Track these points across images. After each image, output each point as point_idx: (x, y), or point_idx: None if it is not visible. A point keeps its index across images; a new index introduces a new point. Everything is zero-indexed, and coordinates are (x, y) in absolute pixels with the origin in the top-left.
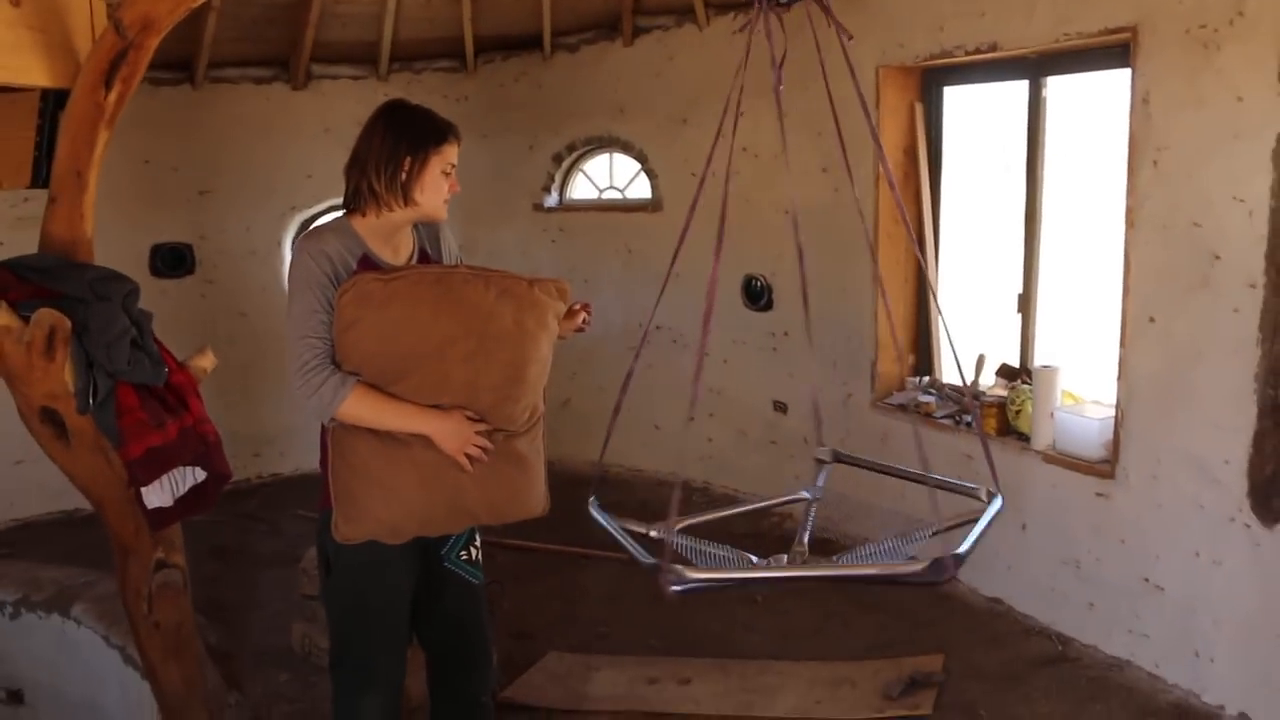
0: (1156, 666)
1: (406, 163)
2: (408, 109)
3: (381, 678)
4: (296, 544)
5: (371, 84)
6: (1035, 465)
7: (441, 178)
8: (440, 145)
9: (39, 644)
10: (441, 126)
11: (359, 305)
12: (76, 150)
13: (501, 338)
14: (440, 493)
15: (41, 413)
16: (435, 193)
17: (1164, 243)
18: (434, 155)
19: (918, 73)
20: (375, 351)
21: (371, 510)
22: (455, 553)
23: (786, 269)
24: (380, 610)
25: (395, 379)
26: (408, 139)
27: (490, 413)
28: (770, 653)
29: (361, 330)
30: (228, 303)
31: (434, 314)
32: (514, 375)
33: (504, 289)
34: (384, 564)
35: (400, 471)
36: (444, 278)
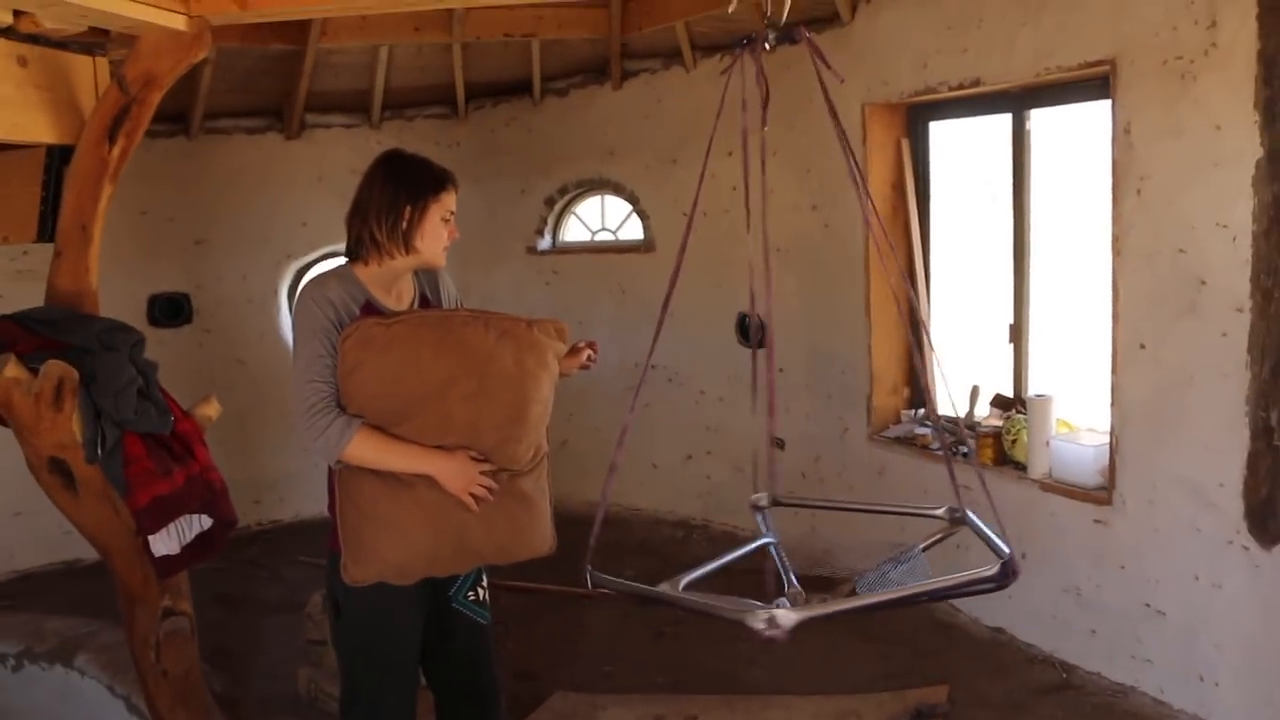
0: (1161, 692)
1: (406, 211)
2: (405, 158)
3: (397, 711)
4: (299, 590)
5: (364, 132)
6: (1033, 494)
7: (441, 225)
8: (439, 193)
9: (42, 696)
10: (439, 175)
11: (361, 349)
12: (81, 204)
13: (503, 378)
14: (446, 532)
15: (50, 463)
16: (435, 240)
17: (1151, 270)
18: (433, 203)
19: (903, 109)
20: (378, 394)
21: (379, 551)
22: (463, 593)
23: (778, 305)
24: (390, 652)
25: (399, 420)
26: (406, 188)
27: (494, 452)
28: (774, 687)
29: (364, 374)
30: (225, 351)
31: (435, 355)
32: (516, 415)
33: (504, 330)
34: (392, 607)
35: (406, 512)
36: (444, 320)
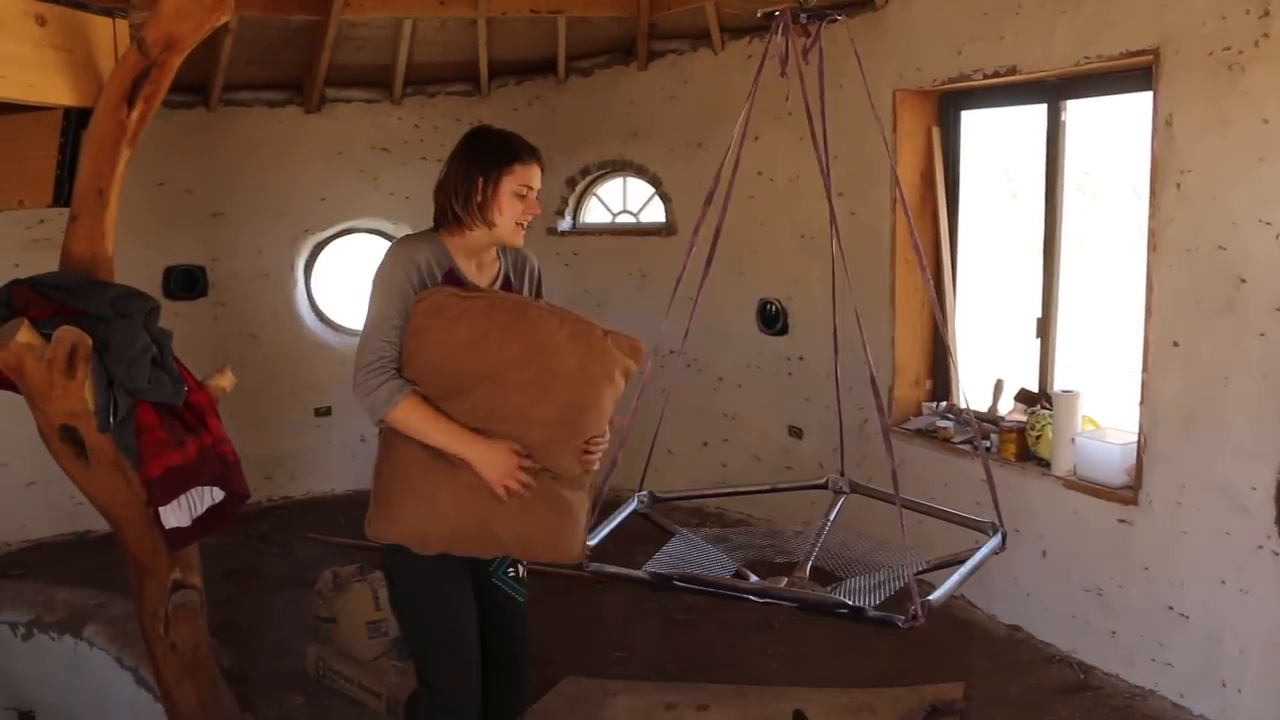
0: (1181, 696)
1: (479, 184)
2: (488, 132)
3: (462, 692)
4: (309, 566)
5: (385, 107)
6: (1056, 491)
7: (514, 199)
8: (511, 165)
9: (51, 665)
10: (515, 148)
11: (430, 315)
12: (99, 168)
13: (563, 376)
14: (471, 513)
15: (62, 431)
16: (509, 214)
17: (1187, 266)
18: (505, 176)
19: (935, 96)
20: (437, 363)
21: (403, 514)
22: (503, 569)
23: (802, 293)
24: (445, 619)
25: (451, 395)
26: (480, 161)
27: (539, 450)
28: (788, 679)
29: (428, 339)
30: (240, 325)
31: (502, 338)
32: (569, 417)
33: (577, 331)
34: (436, 576)
35: (437, 485)
36: (520, 306)
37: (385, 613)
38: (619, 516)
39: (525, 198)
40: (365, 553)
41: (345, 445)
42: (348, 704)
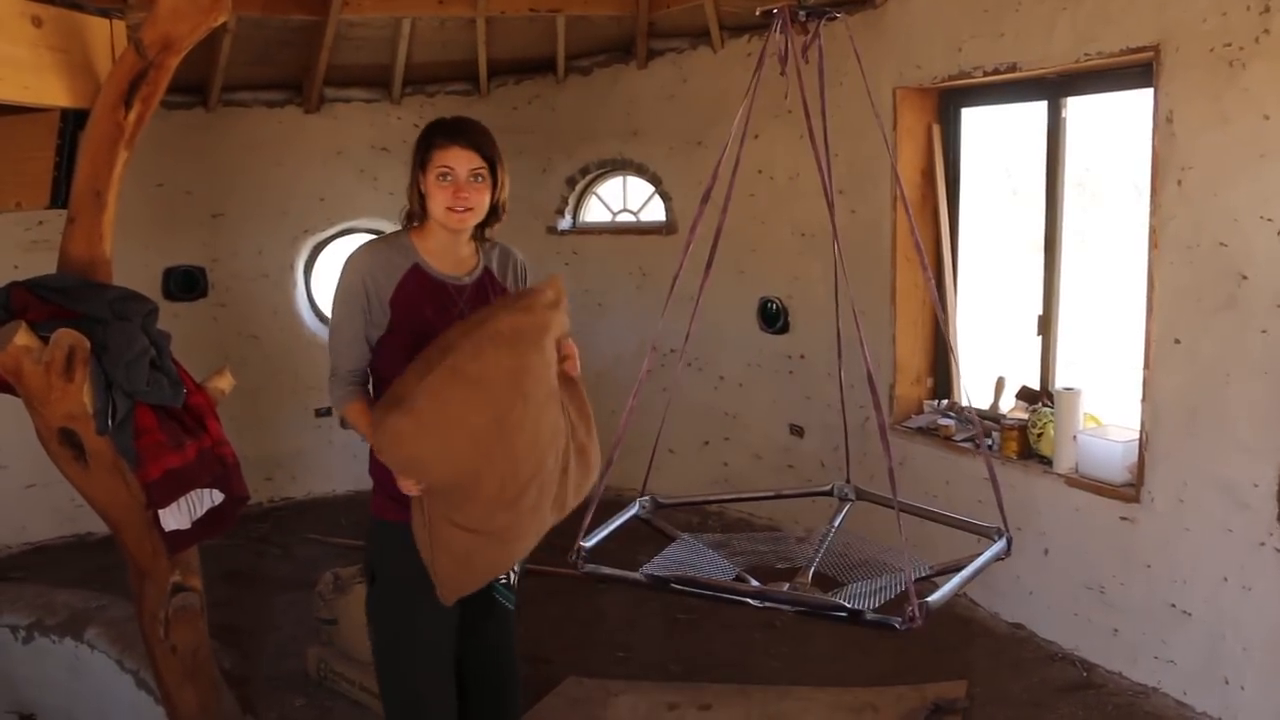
0: (1184, 694)
1: (415, 174)
2: (435, 120)
3: (434, 700)
4: (310, 568)
5: (384, 107)
6: (1057, 489)
7: (439, 184)
8: (430, 151)
9: (52, 668)
10: (433, 131)
11: (396, 446)
12: (96, 170)
13: (536, 379)
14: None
15: (60, 434)
16: (436, 201)
17: (1189, 263)
18: (428, 162)
19: (935, 94)
20: (446, 472)
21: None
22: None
23: (803, 291)
24: (420, 626)
25: (475, 485)
26: (415, 151)
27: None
28: (790, 678)
29: (422, 466)
30: (240, 326)
31: (470, 409)
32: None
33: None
34: (425, 580)
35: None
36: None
37: None
38: (619, 520)
39: (449, 181)
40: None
41: (346, 446)
42: (349, 706)
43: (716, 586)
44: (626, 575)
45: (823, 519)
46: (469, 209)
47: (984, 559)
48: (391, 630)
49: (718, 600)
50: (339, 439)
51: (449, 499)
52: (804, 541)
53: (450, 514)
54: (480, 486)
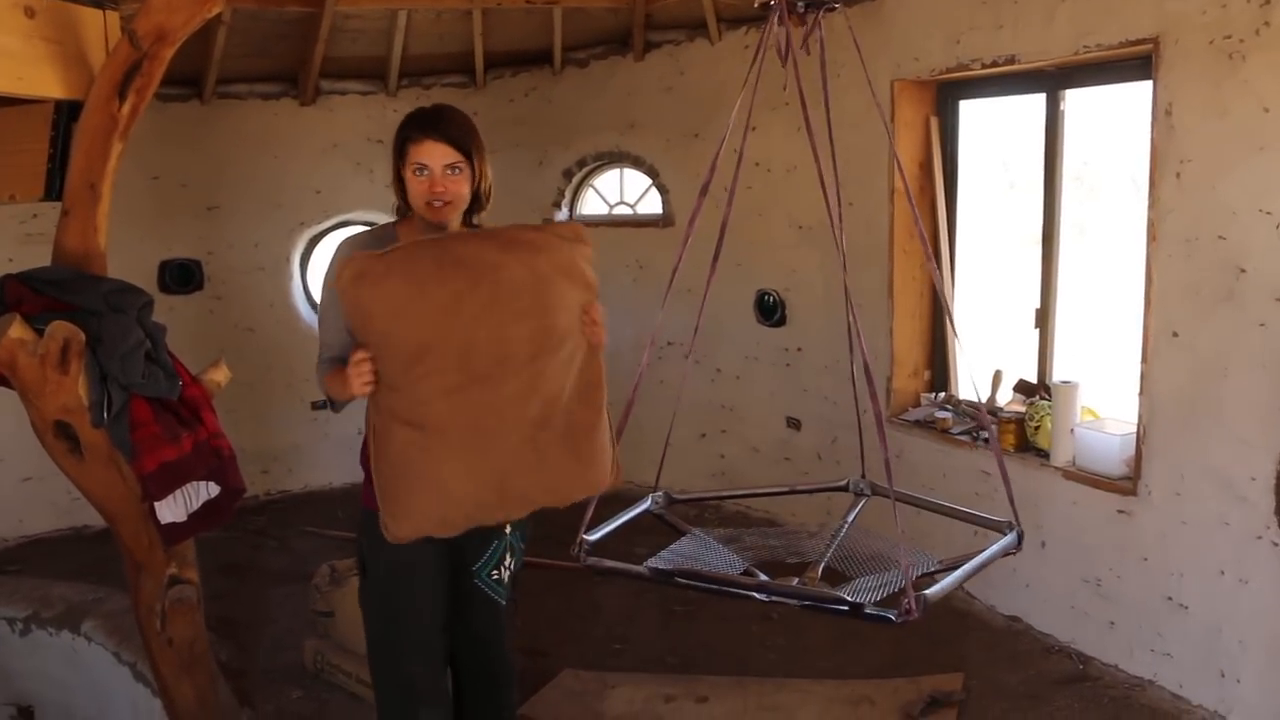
0: (1180, 687)
1: (394, 168)
2: (411, 112)
3: (426, 690)
4: (307, 560)
5: (380, 99)
6: (1055, 482)
7: (415, 178)
8: (405, 145)
9: (49, 661)
10: (407, 125)
11: (355, 285)
12: (90, 162)
13: (515, 286)
14: (487, 480)
15: (55, 427)
16: (414, 194)
17: (1187, 256)
18: (405, 156)
19: (933, 86)
20: (390, 329)
21: (418, 506)
22: (486, 570)
23: (800, 284)
24: (412, 615)
25: (418, 357)
26: (395, 141)
27: (538, 376)
28: (787, 671)
29: (370, 310)
30: (236, 318)
31: (437, 276)
32: (543, 325)
33: (509, 239)
34: (415, 569)
35: (440, 462)
36: (441, 241)
37: None
38: (631, 513)
39: (428, 176)
40: None
41: (342, 439)
42: (346, 698)
43: (721, 580)
44: (630, 569)
45: (821, 514)
46: (447, 202)
47: (991, 552)
48: (382, 621)
49: (722, 594)
50: (335, 432)
51: (389, 381)
52: (815, 536)
53: (388, 401)
54: (422, 361)
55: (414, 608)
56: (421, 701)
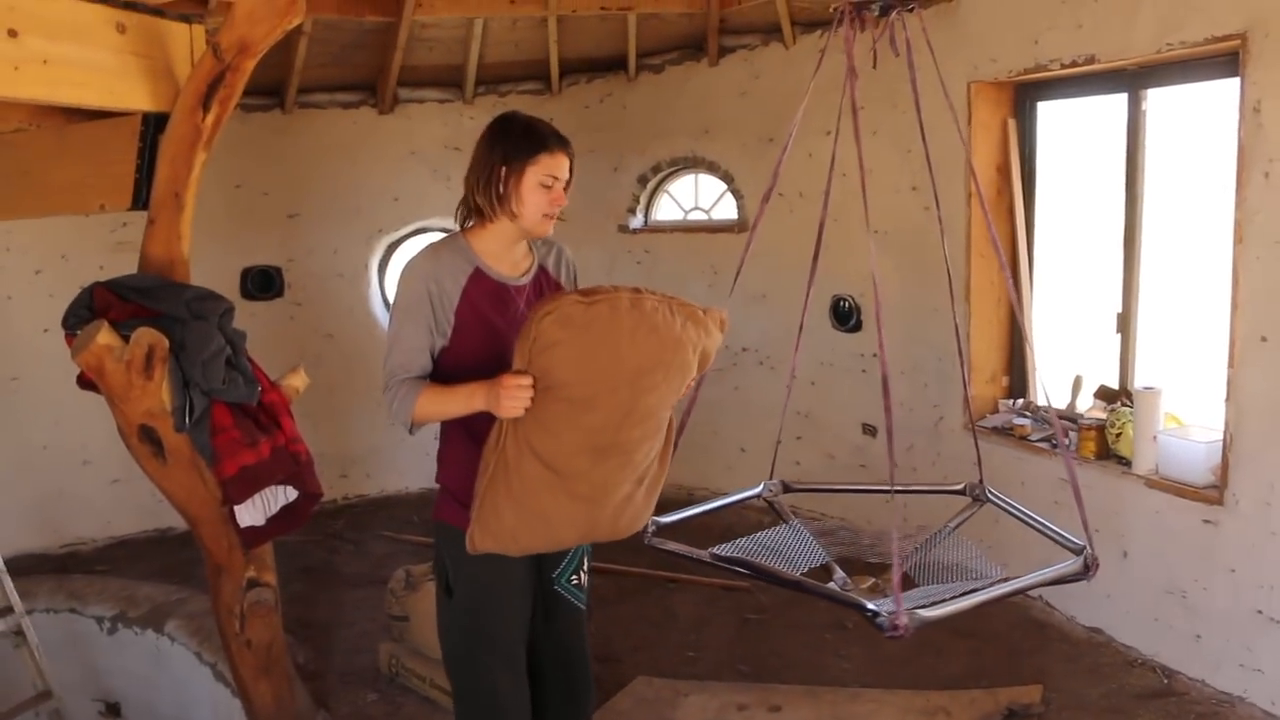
0: (1273, 704)
1: (502, 173)
2: (513, 119)
3: (511, 704)
4: (383, 564)
5: (457, 107)
6: (1137, 490)
7: (539, 190)
8: (536, 155)
9: (134, 659)
10: (542, 135)
11: (561, 327)
12: (175, 172)
13: (683, 366)
14: (588, 522)
15: (140, 431)
16: (532, 205)
17: (1276, 258)
18: (530, 166)
19: (1010, 88)
20: (571, 379)
21: (523, 534)
22: (565, 576)
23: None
24: (500, 633)
25: (584, 410)
26: (503, 148)
27: (654, 442)
28: (861, 680)
29: (560, 353)
30: (315, 324)
31: (632, 342)
32: (673, 399)
33: (689, 315)
34: (504, 586)
35: (560, 507)
36: (638, 303)
37: None
38: (741, 495)
39: (551, 188)
40: None
41: (420, 444)
42: (420, 701)
43: (762, 570)
44: (691, 552)
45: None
46: (559, 217)
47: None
48: (468, 636)
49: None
50: (413, 438)
51: (543, 421)
52: (910, 538)
53: (535, 439)
54: (585, 414)
55: (502, 621)
56: (507, 714)
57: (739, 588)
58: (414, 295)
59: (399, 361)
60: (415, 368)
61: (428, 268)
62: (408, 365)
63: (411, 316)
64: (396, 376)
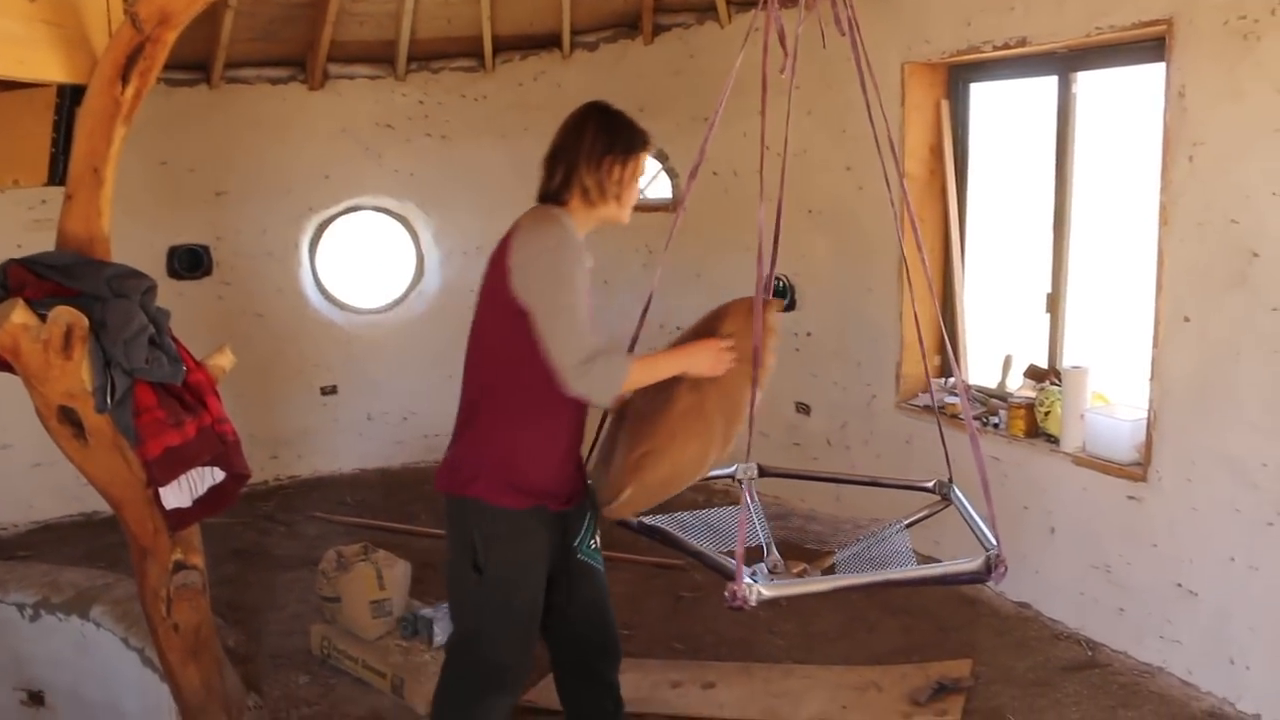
0: (1190, 673)
1: (621, 162)
2: (614, 111)
3: (514, 681)
4: (315, 546)
5: (389, 84)
6: (1064, 468)
7: (636, 183)
8: (644, 152)
9: (59, 646)
10: (643, 131)
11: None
12: (94, 146)
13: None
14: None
15: (60, 412)
16: (630, 196)
17: (1199, 240)
18: (637, 158)
19: (944, 69)
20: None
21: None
22: (585, 543)
23: (809, 269)
24: (524, 610)
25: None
26: (622, 140)
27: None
28: (795, 657)
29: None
30: (245, 304)
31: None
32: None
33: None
34: (534, 564)
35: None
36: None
37: (389, 592)
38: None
39: (636, 181)
40: (371, 532)
41: (351, 424)
42: (352, 683)
43: (669, 538)
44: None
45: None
46: None
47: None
48: (498, 615)
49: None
50: (344, 417)
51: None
52: (860, 529)
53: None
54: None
55: (532, 598)
56: (504, 691)
57: (673, 566)
58: (577, 268)
59: (585, 334)
60: (597, 333)
61: (576, 242)
62: (590, 339)
63: (578, 289)
64: (594, 350)
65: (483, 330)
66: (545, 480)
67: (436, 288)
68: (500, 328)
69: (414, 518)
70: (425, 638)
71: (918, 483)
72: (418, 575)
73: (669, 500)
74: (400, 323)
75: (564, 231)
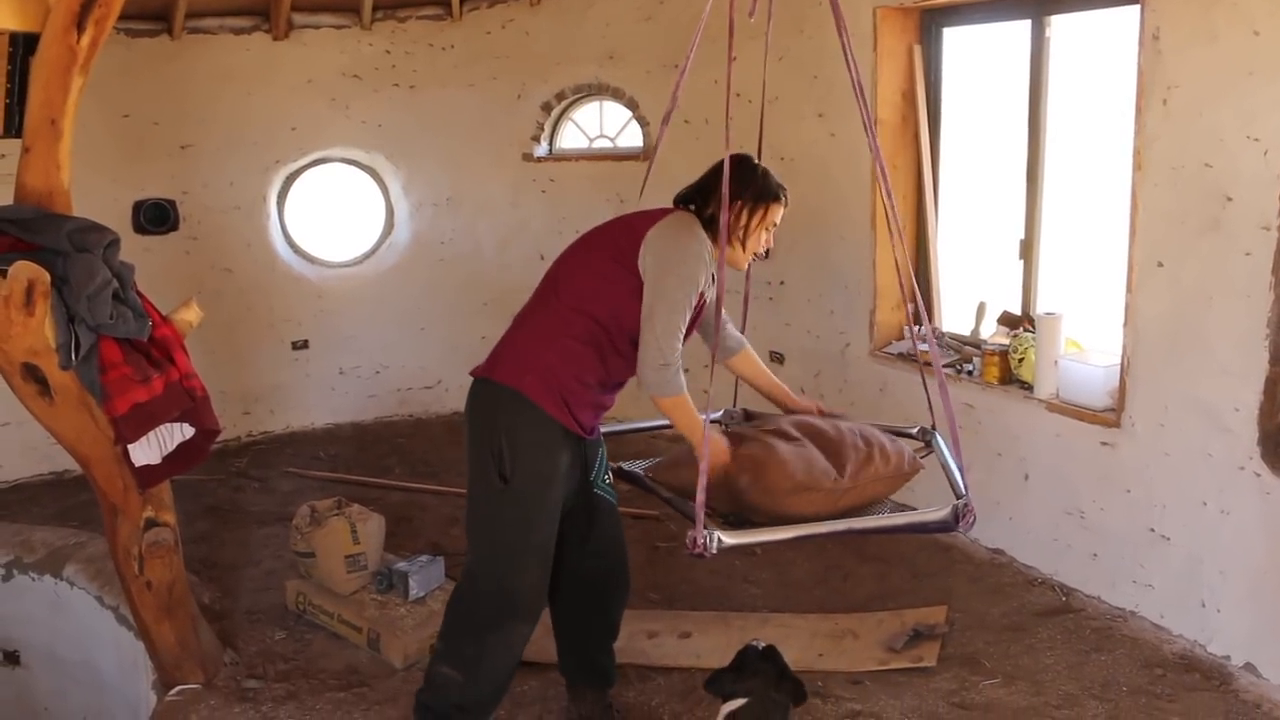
0: (1162, 617)
1: (750, 209)
2: (754, 163)
3: (529, 606)
4: (289, 501)
5: (355, 33)
6: (1038, 414)
7: (764, 231)
8: (776, 202)
9: (33, 605)
10: (778, 185)
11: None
12: (50, 97)
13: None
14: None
15: (23, 369)
16: (754, 242)
17: (1173, 184)
18: (769, 208)
19: (916, 13)
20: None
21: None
22: (601, 476)
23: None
24: (543, 527)
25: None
26: (749, 187)
27: None
28: (771, 605)
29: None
30: (213, 259)
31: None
32: None
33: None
34: (556, 480)
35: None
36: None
37: (363, 546)
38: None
39: (769, 233)
40: (345, 486)
41: (324, 379)
42: (328, 637)
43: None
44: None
45: None
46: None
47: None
48: (513, 527)
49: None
50: (316, 372)
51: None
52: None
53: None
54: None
55: (551, 520)
56: (520, 617)
57: (649, 516)
58: (696, 275)
59: (677, 338)
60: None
61: (706, 254)
62: (679, 342)
63: (690, 293)
64: (678, 353)
65: (588, 266)
66: (585, 404)
67: (407, 240)
68: (609, 274)
69: (388, 471)
70: (400, 591)
71: (903, 428)
72: (392, 529)
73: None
74: (371, 276)
75: (701, 246)
